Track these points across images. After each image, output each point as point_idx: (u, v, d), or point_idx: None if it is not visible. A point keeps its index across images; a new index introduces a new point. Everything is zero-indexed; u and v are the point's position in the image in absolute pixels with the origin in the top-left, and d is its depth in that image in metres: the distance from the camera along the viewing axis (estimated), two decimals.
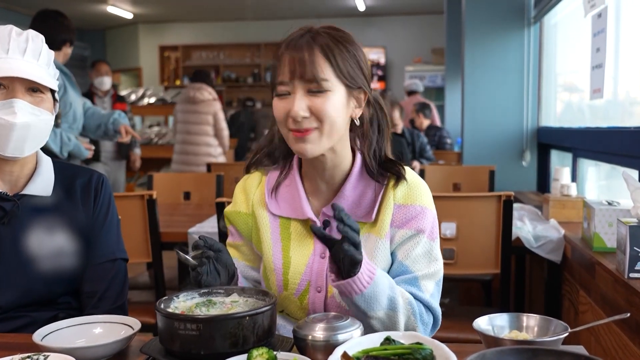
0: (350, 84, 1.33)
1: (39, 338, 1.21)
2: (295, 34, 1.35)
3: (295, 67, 1.29)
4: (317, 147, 1.32)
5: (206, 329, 1.10)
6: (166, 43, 11.57)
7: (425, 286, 1.38)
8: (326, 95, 1.30)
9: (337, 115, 1.31)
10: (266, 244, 1.45)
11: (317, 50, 1.30)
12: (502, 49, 4.22)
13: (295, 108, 1.29)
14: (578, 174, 3.36)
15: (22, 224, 1.48)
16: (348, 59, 1.32)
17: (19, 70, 1.39)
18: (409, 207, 1.38)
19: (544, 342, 1.13)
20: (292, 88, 1.31)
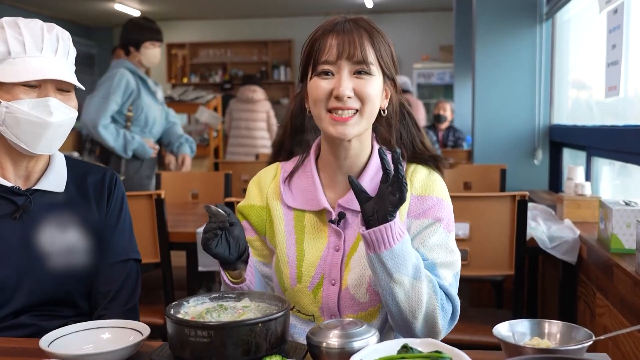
0: (387, 72, 1.36)
1: (45, 344, 1.18)
2: (336, 19, 1.36)
3: (344, 47, 1.31)
4: (356, 129, 1.33)
5: (217, 336, 1.07)
6: (173, 41, 11.55)
7: (444, 275, 1.35)
8: (370, 79, 1.32)
9: (376, 100, 1.34)
10: (280, 236, 1.43)
11: (364, 34, 1.33)
12: (514, 46, 4.17)
13: (342, 87, 1.30)
14: (592, 172, 3.31)
15: (33, 219, 1.46)
16: (386, 48, 1.36)
17: (53, 71, 1.39)
18: (426, 197, 1.37)
19: (568, 351, 1.09)
20: (337, 68, 1.31)
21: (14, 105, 1.36)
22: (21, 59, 1.37)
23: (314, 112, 1.36)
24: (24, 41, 1.38)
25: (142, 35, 3.74)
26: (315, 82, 1.33)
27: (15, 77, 1.36)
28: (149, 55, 3.78)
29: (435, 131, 6.53)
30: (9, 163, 1.46)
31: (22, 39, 1.38)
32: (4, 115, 1.37)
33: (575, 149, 3.78)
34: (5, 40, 1.37)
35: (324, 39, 1.33)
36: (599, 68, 3.00)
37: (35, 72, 1.37)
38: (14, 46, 1.37)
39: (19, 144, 1.40)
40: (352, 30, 1.32)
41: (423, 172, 1.41)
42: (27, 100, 1.37)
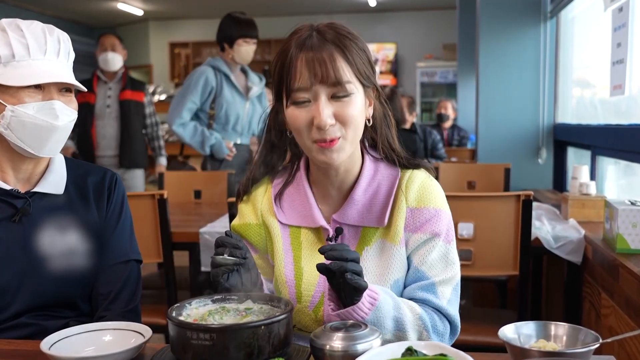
0: (366, 83, 1.27)
1: (46, 346, 1.17)
2: (302, 33, 1.24)
3: (315, 71, 1.20)
4: (344, 155, 1.27)
5: (220, 339, 1.05)
6: (176, 40, 11.55)
7: (443, 292, 1.32)
8: (350, 99, 1.23)
9: (359, 119, 1.26)
10: (278, 254, 1.39)
11: (334, 50, 1.22)
12: (518, 44, 4.15)
13: (322, 116, 1.21)
14: (597, 172, 3.29)
15: (33, 222, 1.45)
16: (362, 57, 1.25)
17: (58, 74, 1.38)
18: (422, 210, 1.32)
19: (575, 354, 1.07)
20: (313, 95, 1.22)
21: (20, 109, 1.35)
22: (25, 61, 1.36)
23: (299, 141, 1.29)
24: (28, 44, 1.37)
25: (235, 32, 3.71)
26: (293, 112, 1.25)
27: (21, 80, 1.35)
28: (241, 53, 3.74)
29: (440, 130, 6.52)
30: (9, 166, 1.45)
31: (26, 42, 1.37)
32: (9, 119, 1.36)
33: (580, 148, 3.76)
34: (9, 43, 1.36)
35: (293, 62, 1.22)
36: (603, 67, 2.98)
37: (41, 76, 1.36)
38: (17, 49, 1.36)
39: (24, 147, 1.39)
40: (321, 48, 1.21)
41: (418, 180, 1.34)
42: (32, 103, 1.36)
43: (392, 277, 1.32)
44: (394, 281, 1.32)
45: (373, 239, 1.33)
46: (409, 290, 1.35)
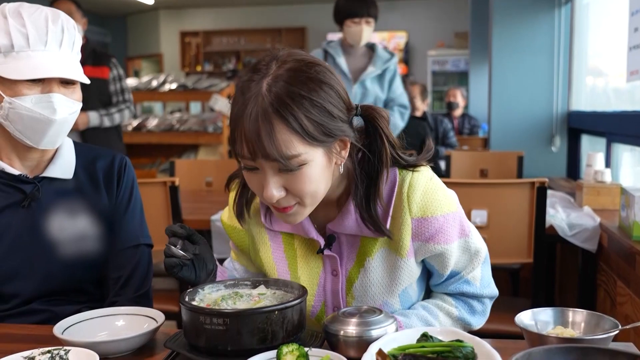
0: (326, 142, 1.10)
1: (59, 331, 1.17)
2: (246, 95, 1.08)
3: (254, 148, 1.06)
4: (303, 216, 1.18)
5: (233, 323, 1.04)
6: (187, 29, 11.53)
7: (474, 277, 1.32)
8: (301, 171, 1.09)
9: (318, 185, 1.13)
10: (269, 265, 1.33)
11: (275, 122, 1.05)
12: (532, 30, 4.10)
13: (267, 194, 1.10)
14: (612, 159, 3.25)
15: (42, 207, 1.44)
16: (316, 115, 1.07)
17: (58, 68, 1.34)
18: (429, 219, 1.22)
19: (593, 340, 1.05)
20: (258, 165, 1.10)
21: (17, 101, 1.32)
22: (25, 52, 1.32)
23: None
24: (28, 34, 1.32)
25: (340, 15, 3.61)
26: (244, 173, 1.15)
27: (19, 74, 1.31)
28: (350, 34, 3.61)
29: (450, 119, 6.47)
30: (15, 155, 1.43)
31: (26, 32, 1.32)
32: (7, 111, 1.33)
33: (595, 136, 3.71)
34: (8, 32, 1.31)
35: (236, 127, 1.08)
36: (620, 52, 2.94)
37: (39, 70, 1.32)
38: (17, 39, 1.31)
39: (22, 139, 1.37)
40: (259, 119, 1.04)
41: (420, 187, 1.21)
42: (30, 96, 1.33)
43: (400, 287, 1.28)
44: (402, 290, 1.29)
45: (374, 248, 1.26)
46: (442, 287, 1.34)
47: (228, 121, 1.12)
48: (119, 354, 1.14)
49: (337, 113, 1.11)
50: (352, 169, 1.22)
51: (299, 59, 1.11)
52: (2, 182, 1.42)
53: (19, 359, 1.06)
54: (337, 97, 1.12)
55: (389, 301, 1.28)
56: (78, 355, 1.07)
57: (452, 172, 3.71)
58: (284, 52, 1.13)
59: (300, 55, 1.12)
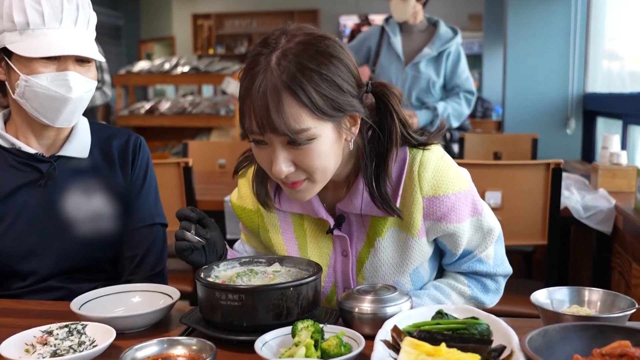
0: (336, 116, 1.10)
1: (76, 307, 1.18)
2: (255, 68, 1.07)
3: (262, 121, 1.05)
4: (312, 192, 1.17)
5: (249, 299, 1.05)
6: (199, 11, 11.49)
7: (487, 256, 1.31)
8: (310, 146, 1.08)
9: (327, 160, 1.12)
10: (278, 245, 1.33)
11: (284, 95, 1.04)
12: (548, 12, 4.05)
13: (276, 168, 1.09)
14: (628, 141, 3.22)
15: (58, 186, 1.45)
16: (325, 89, 1.07)
17: (73, 46, 1.34)
18: (440, 198, 1.21)
19: (610, 319, 1.05)
20: (268, 139, 1.09)
21: (33, 79, 1.33)
22: (40, 30, 1.33)
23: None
24: (43, 12, 1.32)
25: None
26: (253, 148, 1.15)
27: (34, 51, 1.31)
28: (394, 11, 3.43)
29: None
30: (31, 133, 1.44)
31: (41, 9, 1.32)
32: (23, 89, 1.34)
33: (611, 118, 3.68)
34: (24, 9, 1.32)
35: (244, 101, 1.08)
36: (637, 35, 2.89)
37: (54, 48, 1.32)
38: (32, 17, 1.32)
39: (38, 117, 1.38)
40: (267, 92, 1.04)
41: (431, 166, 1.20)
42: (46, 74, 1.33)
43: (411, 267, 1.28)
44: (413, 270, 1.28)
45: (384, 228, 1.25)
46: (454, 266, 1.34)
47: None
48: (135, 330, 1.16)
49: (347, 88, 1.10)
50: (362, 146, 1.21)
51: (309, 33, 1.10)
52: (19, 160, 1.43)
53: (38, 333, 1.08)
54: (347, 72, 1.11)
55: (400, 281, 1.28)
56: (95, 330, 1.08)
57: (466, 155, 3.68)
58: (294, 26, 1.12)
59: (310, 30, 1.12)
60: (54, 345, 1.05)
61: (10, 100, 1.42)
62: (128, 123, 6.37)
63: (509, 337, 0.95)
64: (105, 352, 1.03)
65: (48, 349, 1.04)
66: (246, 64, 1.11)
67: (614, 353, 0.87)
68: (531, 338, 0.92)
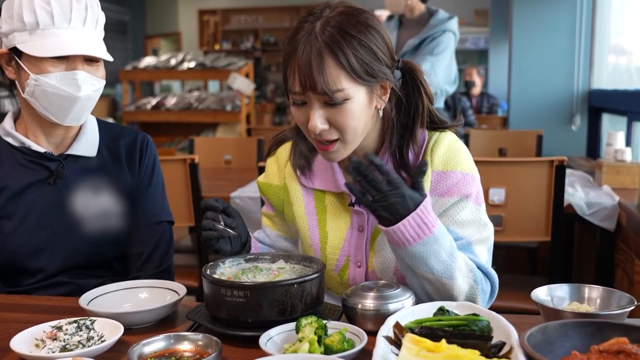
0: (369, 82, 1.21)
1: (85, 302, 1.20)
2: (300, 33, 1.19)
3: (304, 79, 1.16)
4: (343, 154, 1.26)
5: (253, 296, 1.07)
6: (205, 7, 11.50)
7: (480, 252, 1.30)
8: (344, 106, 1.18)
9: (359, 122, 1.22)
10: (301, 218, 1.39)
11: (326, 56, 1.16)
12: (553, 8, 4.05)
13: (312, 123, 1.19)
14: (633, 138, 3.22)
15: (67, 184, 1.47)
16: (363, 55, 1.18)
17: (82, 46, 1.37)
18: (449, 173, 1.28)
19: (609, 315, 1.07)
20: (307, 98, 1.20)
21: (42, 78, 1.35)
22: (50, 30, 1.35)
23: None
24: (53, 12, 1.35)
25: None
26: (293, 110, 1.25)
27: (43, 51, 1.34)
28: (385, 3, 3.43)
29: (469, 97, 6.43)
30: (40, 131, 1.47)
31: (51, 10, 1.35)
32: (33, 88, 1.37)
33: (616, 114, 3.68)
34: (34, 10, 1.34)
35: (289, 63, 1.19)
36: None
37: (63, 47, 1.35)
38: (42, 17, 1.34)
39: (48, 116, 1.40)
40: (313, 53, 1.16)
41: (444, 143, 1.29)
42: (55, 73, 1.36)
43: None
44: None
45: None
46: None
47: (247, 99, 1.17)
48: (143, 325, 1.18)
49: (382, 56, 1.21)
50: (389, 116, 1.29)
51: (349, 6, 1.23)
52: (29, 159, 1.46)
53: (47, 328, 1.10)
54: (383, 43, 1.23)
55: None
56: (103, 326, 1.10)
57: (471, 151, 3.64)
58: (337, 0, 1.25)
59: (352, 4, 1.24)
60: (64, 340, 1.07)
61: (20, 99, 1.45)
62: (134, 119, 6.40)
63: (509, 333, 0.97)
64: (113, 347, 1.05)
65: (58, 344, 1.06)
66: (291, 31, 1.22)
67: (612, 349, 0.89)
68: (530, 334, 0.94)
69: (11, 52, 1.39)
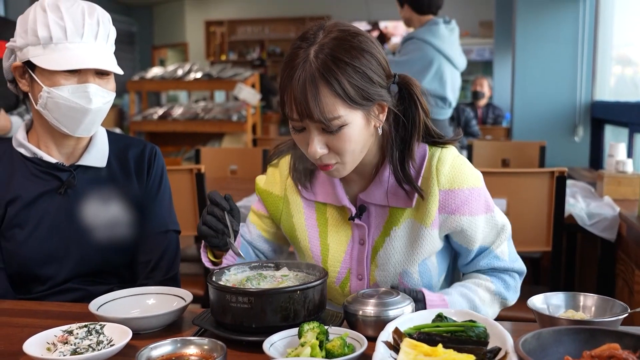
0: (365, 105, 1.21)
1: (94, 308, 1.24)
2: (295, 60, 1.19)
3: (300, 109, 1.18)
4: (342, 173, 1.28)
5: (258, 302, 1.11)
6: (212, 18, 11.60)
7: (502, 252, 1.36)
8: (342, 132, 1.20)
9: (356, 145, 1.23)
10: (301, 231, 1.41)
11: (321, 86, 1.16)
12: (556, 19, 4.08)
13: (311, 149, 1.22)
14: (635, 150, 3.24)
15: (77, 194, 1.51)
16: (357, 80, 1.18)
17: (94, 59, 1.41)
18: (456, 191, 1.30)
19: (602, 323, 1.09)
20: (304, 124, 1.21)
21: (55, 91, 1.40)
22: (62, 44, 1.39)
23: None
24: (65, 27, 1.39)
25: None
26: (292, 134, 1.27)
27: (56, 65, 1.38)
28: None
29: (474, 108, 6.45)
30: (52, 142, 1.51)
31: (64, 24, 1.39)
32: (45, 100, 1.41)
33: (618, 126, 3.71)
34: (47, 25, 1.39)
35: (285, 91, 1.21)
36: None
37: (75, 61, 1.39)
38: (55, 32, 1.39)
39: (59, 127, 1.45)
40: (305, 83, 1.16)
41: (448, 161, 1.31)
42: (67, 86, 1.40)
43: (420, 257, 1.34)
44: (422, 261, 1.34)
45: (402, 219, 1.33)
46: (472, 264, 1.38)
47: (253, 109, 1.21)
48: (150, 330, 1.21)
49: (377, 79, 1.22)
50: (389, 132, 1.31)
51: (344, 29, 1.22)
52: (40, 169, 1.50)
53: (58, 332, 1.14)
54: (378, 65, 1.23)
55: (409, 270, 1.34)
56: (112, 330, 1.14)
57: (474, 162, 3.71)
58: (330, 22, 1.25)
59: (345, 26, 1.24)
60: (74, 344, 1.10)
61: (32, 110, 1.49)
62: (141, 128, 6.46)
63: (504, 339, 1.00)
64: (122, 350, 1.08)
65: (68, 348, 1.10)
66: (286, 56, 1.23)
67: (603, 355, 0.92)
68: (525, 340, 0.96)
69: (25, 65, 1.43)
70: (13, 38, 1.45)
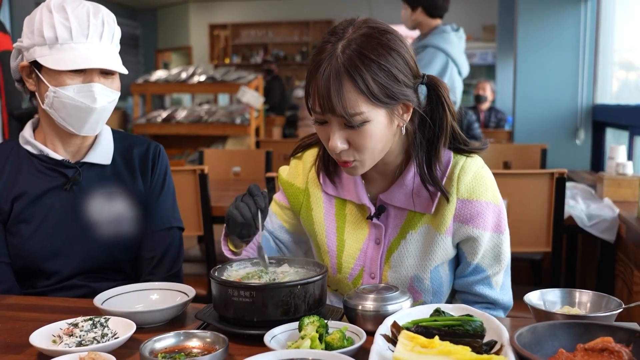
0: (389, 104, 1.21)
1: (99, 302, 1.26)
2: (322, 54, 1.20)
3: (323, 102, 1.19)
4: (361, 170, 1.28)
5: (259, 296, 1.13)
6: (216, 21, 11.66)
7: (497, 281, 1.37)
8: (363, 128, 1.20)
9: (378, 143, 1.24)
10: (319, 224, 1.43)
11: (345, 81, 1.17)
12: (557, 24, 4.11)
13: (332, 143, 1.22)
14: (635, 152, 3.26)
15: (83, 190, 1.54)
16: (382, 78, 1.19)
17: (98, 59, 1.43)
18: (473, 202, 1.30)
19: (597, 318, 1.11)
20: (326, 118, 1.22)
21: (61, 90, 1.42)
22: (68, 45, 1.42)
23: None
24: (71, 27, 1.42)
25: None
26: (315, 126, 1.27)
27: (62, 65, 1.41)
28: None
29: (477, 112, 6.47)
30: (58, 140, 1.54)
31: (69, 25, 1.42)
32: (52, 99, 1.44)
33: (618, 129, 3.72)
34: (53, 25, 1.42)
35: (310, 83, 1.22)
36: None
37: (81, 61, 1.42)
38: (61, 32, 1.42)
39: (65, 126, 1.48)
40: (332, 77, 1.17)
41: (471, 170, 1.31)
42: (72, 85, 1.43)
43: (433, 263, 1.35)
44: (434, 267, 1.35)
45: (419, 224, 1.34)
46: (466, 284, 1.38)
47: (256, 113, 1.23)
48: (154, 324, 1.24)
49: (403, 78, 1.22)
50: (413, 134, 1.31)
51: (373, 26, 1.23)
52: (47, 166, 1.53)
53: (64, 325, 1.16)
54: (404, 64, 1.23)
55: (421, 275, 1.35)
56: (117, 324, 1.16)
57: None
58: (361, 19, 1.26)
59: (375, 23, 1.24)
60: (79, 337, 1.13)
61: (39, 109, 1.52)
62: (145, 131, 6.49)
63: (500, 333, 1.02)
64: (126, 343, 1.11)
65: (74, 340, 1.12)
66: (315, 50, 1.24)
67: (596, 347, 0.94)
68: (520, 334, 0.99)
69: (32, 65, 1.46)
70: (20, 38, 1.48)
